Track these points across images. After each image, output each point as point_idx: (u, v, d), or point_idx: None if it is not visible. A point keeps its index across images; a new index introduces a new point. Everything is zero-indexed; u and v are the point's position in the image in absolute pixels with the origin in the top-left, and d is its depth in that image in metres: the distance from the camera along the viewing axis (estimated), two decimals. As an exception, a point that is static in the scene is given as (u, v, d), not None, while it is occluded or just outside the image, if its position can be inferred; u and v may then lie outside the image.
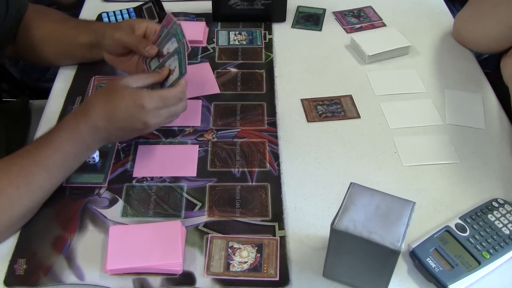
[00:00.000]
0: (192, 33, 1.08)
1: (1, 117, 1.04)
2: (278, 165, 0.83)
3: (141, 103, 0.74)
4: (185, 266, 0.70)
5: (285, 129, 0.89)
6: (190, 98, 0.94)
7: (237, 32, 1.10)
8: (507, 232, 0.71)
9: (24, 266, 0.69)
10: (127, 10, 1.11)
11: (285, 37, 1.10)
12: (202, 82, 0.97)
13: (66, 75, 0.99)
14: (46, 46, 0.96)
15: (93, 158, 0.82)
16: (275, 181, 0.80)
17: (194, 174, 0.81)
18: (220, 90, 0.96)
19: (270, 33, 1.10)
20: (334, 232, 0.60)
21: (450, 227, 0.71)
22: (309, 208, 0.77)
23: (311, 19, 1.14)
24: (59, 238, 0.73)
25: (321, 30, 1.12)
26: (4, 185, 0.70)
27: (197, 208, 0.77)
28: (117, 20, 1.09)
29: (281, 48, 1.07)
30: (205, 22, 1.12)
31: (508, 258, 0.69)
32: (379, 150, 0.86)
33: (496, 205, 0.75)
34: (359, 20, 1.14)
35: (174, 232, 0.71)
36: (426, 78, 1.00)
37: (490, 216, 0.73)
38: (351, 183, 0.63)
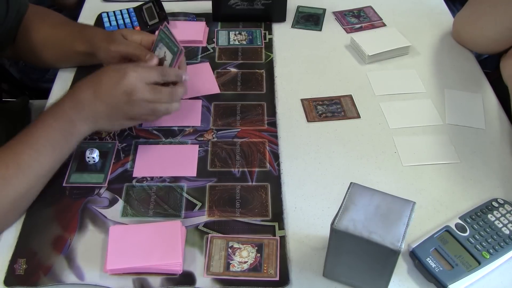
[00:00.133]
0: (192, 33, 1.08)
1: (1, 117, 1.04)
2: (278, 165, 0.83)
3: (124, 72, 0.75)
4: (185, 266, 0.70)
5: (285, 129, 0.89)
6: (190, 98, 0.95)
7: (237, 32, 1.10)
8: (507, 232, 0.71)
9: (24, 266, 0.69)
10: (127, 10, 1.11)
11: (285, 37, 1.10)
12: (202, 82, 0.97)
13: (65, 76, 0.99)
14: (45, 49, 0.95)
15: (93, 158, 0.82)
16: (275, 181, 0.80)
17: (194, 174, 0.81)
18: (220, 90, 0.96)
19: (270, 33, 1.10)
20: (334, 232, 0.60)
21: (450, 227, 0.71)
22: (309, 208, 0.77)
23: (311, 19, 1.14)
24: (59, 238, 0.73)
25: (321, 30, 1.12)
26: None
27: (197, 208, 0.77)
28: (117, 20, 1.08)
29: (281, 48, 1.07)
30: (205, 22, 1.12)
31: (508, 258, 0.69)
32: (379, 150, 0.86)
33: (496, 205, 0.75)
34: (359, 20, 1.14)
35: (174, 232, 0.71)
36: (426, 78, 1.00)
37: (490, 216, 0.73)
38: (351, 183, 0.63)
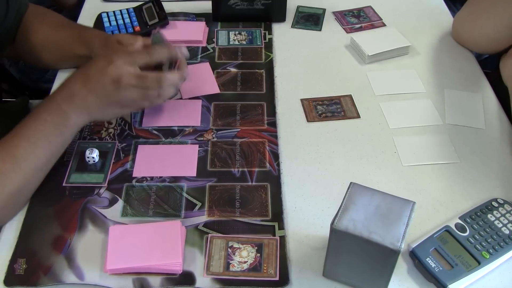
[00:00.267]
0: (192, 33, 1.08)
1: (1, 117, 1.04)
2: (278, 165, 0.83)
3: (110, 59, 0.76)
4: (185, 266, 0.70)
5: (285, 129, 0.89)
6: (190, 98, 0.95)
7: (237, 32, 1.10)
8: (507, 232, 0.71)
9: (24, 266, 0.69)
10: (127, 10, 1.11)
11: (285, 37, 1.10)
12: (202, 82, 0.97)
13: (65, 76, 0.96)
14: (44, 50, 0.95)
15: (93, 158, 0.82)
16: (275, 181, 0.80)
17: (194, 174, 0.81)
18: (220, 90, 0.96)
19: (270, 33, 1.10)
20: (334, 232, 0.60)
21: (450, 227, 0.71)
22: (309, 208, 0.77)
23: (311, 19, 1.14)
24: (59, 238, 0.73)
25: (321, 30, 1.12)
26: None
27: (197, 208, 0.77)
28: (117, 20, 1.08)
29: (281, 48, 1.07)
30: (205, 22, 1.12)
31: (508, 258, 0.69)
32: (379, 150, 0.86)
33: (495, 205, 0.75)
34: (359, 20, 1.14)
35: (174, 232, 0.71)
36: (426, 78, 1.00)
37: (489, 216, 0.73)
38: (351, 183, 0.63)
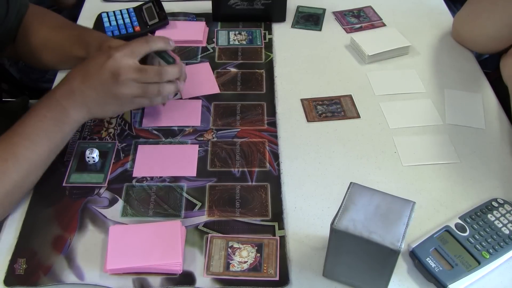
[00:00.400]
0: (192, 33, 1.08)
1: (1, 117, 1.04)
2: (278, 165, 0.83)
3: (108, 54, 0.76)
4: (185, 266, 0.70)
5: (285, 129, 0.89)
6: (190, 98, 0.95)
7: (237, 32, 1.10)
8: (507, 232, 0.71)
9: (24, 266, 0.69)
10: (127, 10, 1.11)
11: (285, 37, 1.10)
12: (202, 82, 0.97)
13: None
14: (44, 51, 0.95)
15: (93, 158, 0.82)
16: (275, 181, 0.80)
17: (194, 174, 0.81)
18: (220, 90, 0.96)
19: (270, 33, 1.10)
20: (334, 232, 0.60)
21: (450, 227, 0.71)
22: (309, 208, 0.77)
23: (311, 19, 1.14)
24: (59, 238, 0.73)
25: (321, 30, 1.12)
26: None
27: (197, 208, 0.77)
28: (117, 20, 1.08)
29: (281, 48, 1.07)
30: (205, 22, 1.12)
31: (508, 258, 0.69)
32: (379, 150, 0.86)
33: (495, 205, 0.75)
34: (359, 20, 1.14)
35: (174, 232, 0.71)
36: (426, 78, 1.00)
37: (489, 216, 0.73)
38: (351, 183, 0.63)
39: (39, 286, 0.67)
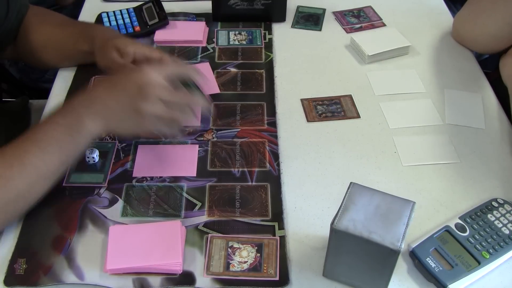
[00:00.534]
0: (192, 33, 1.08)
1: (1, 117, 1.04)
2: (278, 165, 0.83)
3: (140, 68, 0.73)
4: (185, 266, 0.70)
5: (285, 129, 0.89)
6: (190, 98, 0.95)
7: (237, 32, 1.10)
8: (507, 232, 0.71)
9: (24, 266, 0.69)
10: (127, 10, 1.11)
11: (285, 37, 1.10)
12: (202, 82, 0.97)
13: (66, 75, 0.99)
14: (46, 50, 0.95)
15: (93, 158, 0.82)
16: (275, 181, 0.80)
17: (194, 174, 0.81)
18: (220, 90, 0.96)
19: (270, 33, 1.10)
20: (334, 232, 0.60)
21: (450, 227, 0.71)
22: (309, 208, 0.77)
23: (311, 19, 1.14)
24: (59, 238, 0.73)
25: (321, 30, 1.12)
26: None
27: (197, 208, 0.77)
28: (117, 20, 1.08)
29: (281, 48, 1.07)
30: (205, 22, 1.12)
31: (508, 258, 0.69)
32: (379, 150, 0.86)
33: (495, 205, 0.75)
34: (359, 20, 1.14)
35: (174, 232, 0.71)
36: (426, 78, 1.00)
37: (489, 216, 0.73)
38: (351, 183, 0.63)
39: (39, 286, 0.67)
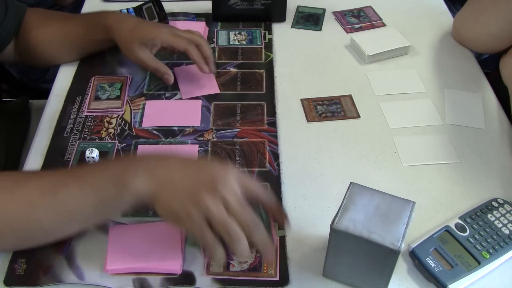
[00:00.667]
0: (192, 33, 1.08)
1: (1, 116, 1.04)
2: (278, 165, 0.83)
3: (228, 168, 0.64)
4: (185, 266, 0.69)
5: (285, 129, 0.89)
6: (190, 98, 0.95)
7: (237, 32, 1.10)
8: (507, 232, 0.71)
9: (24, 266, 0.69)
10: (127, 10, 1.11)
11: (285, 37, 1.10)
12: (202, 82, 0.97)
13: (66, 75, 0.99)
14: (50, 45, 0.95)
15: (93, 158, 0.82)
16: (275, 181, 0.80)
17: (194, 174, 0.81)
18: (220, 90, 0.96)
19: (270, 33, 1.10)
20: (334, 232, 0.60)
21: (450, 227, 0.71)
22: (309, 208, 0.77)
23: (311, 19, 1.14)
24: (59, 238, 0.73)
25: (321, 30, 1.12)
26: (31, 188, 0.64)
27: (197, 208, 0.77)
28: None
29: (281, 48, 1.07)
30: (205, 22, 1.12)
31: (508, 258, 0.69)
32: (379, 150, 0.86)
33: (495, 205, 0.75)
34: (359, 20, 1.14)
35: (174, 232, 0.71)
36: (426, 78, 1.00)
37: (489, 216, 0.73)
38: (351, 183, 0.63)
39: (39, 286, 0.67)
